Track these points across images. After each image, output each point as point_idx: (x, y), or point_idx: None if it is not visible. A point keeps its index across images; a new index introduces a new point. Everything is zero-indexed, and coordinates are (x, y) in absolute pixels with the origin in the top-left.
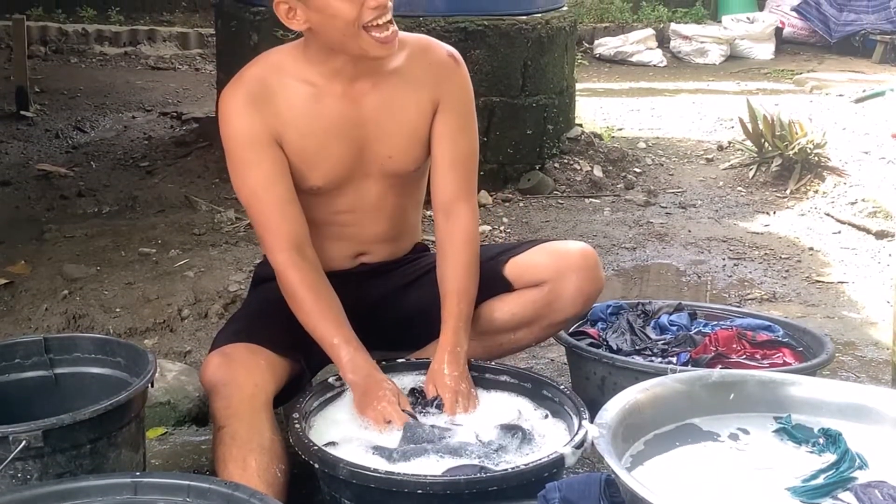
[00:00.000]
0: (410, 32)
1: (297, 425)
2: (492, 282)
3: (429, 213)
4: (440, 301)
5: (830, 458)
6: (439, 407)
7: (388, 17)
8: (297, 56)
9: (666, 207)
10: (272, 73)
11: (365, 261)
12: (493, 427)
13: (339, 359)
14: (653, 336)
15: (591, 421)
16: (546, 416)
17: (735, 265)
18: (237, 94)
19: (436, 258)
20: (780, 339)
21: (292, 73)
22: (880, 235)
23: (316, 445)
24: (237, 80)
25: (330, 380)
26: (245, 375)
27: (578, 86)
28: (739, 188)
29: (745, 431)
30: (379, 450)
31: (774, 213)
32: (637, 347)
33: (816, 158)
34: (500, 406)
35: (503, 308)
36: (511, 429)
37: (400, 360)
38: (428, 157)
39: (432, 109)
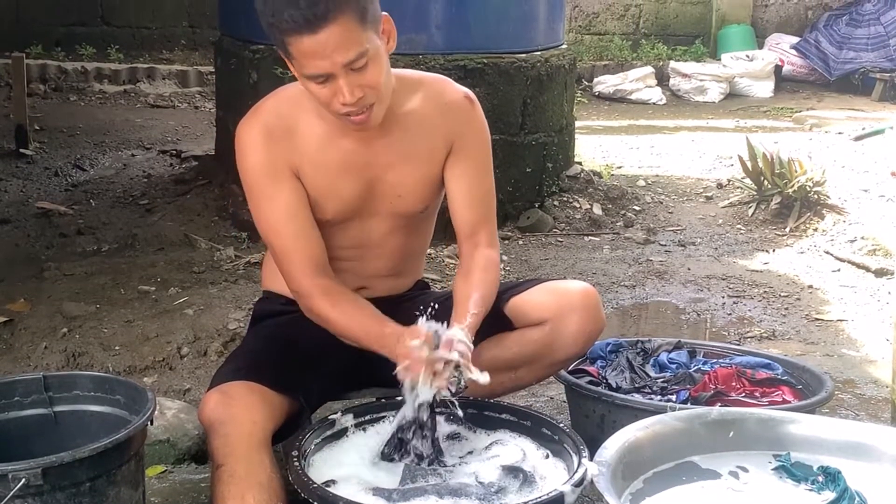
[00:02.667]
0: (424, 71)
1: (297, 463)
2: (492, 320)
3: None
4: None
5: (830, 496)
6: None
7: (362, 107)
8: None
9: (665, 245)
10: (289, 107)
11: (365, 295)
12: (494, 468)
13: (386, 351)
14: (652, 374)
15: (591, 459)
16: (547, 457)
17: (734, 303)
18: (254, 127)
19: (439, 293)
20: (779, 377)
21: (308, 108)
22: (880, 273)
23: (315, 484)
24: (254, 112)
25: (331, 417)
26: (243, 413)
27: (578, 123)
28: (739, 226)
29: (745, 469)
30: (378, 490)
31: (774, 250)
32: (636, 385)
33: (816, 196)
34: (503, 446)
35: (504, 347)
36: (513, 470)
37: (399, 398)
38: (437, 198)
39: (446, 151)
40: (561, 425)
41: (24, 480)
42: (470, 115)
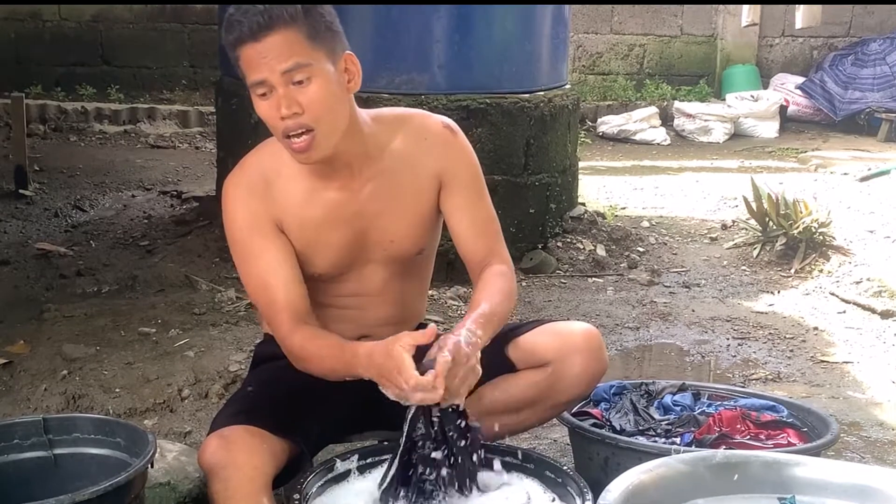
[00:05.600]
0: (403, 108)
1: None
2: (494, 362)
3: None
4: None
5: None
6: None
7: (299, 127)
8: None
9: (669, 287)
10: (271, 162)
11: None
12: None
13: (356, 371)
14: (656, 416)
15: (595, 502)
16: (553, 500)
17: (739, 345)
18: (239, 184)
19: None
20: (784, 419)
21: (290, 162)
22: (885, 315)
23: None
24: (239, 168)
25: (333, 460)
26: (244, 458)
27: (581, 164)
28: (743, 267)
29: None
30: None
31: (779, 292)
32: (640, 428)
33: (821, 237)
34: (508, 487)
35: (506, 389)
36: None
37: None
38: (433, 237)
39: (436, 186)
40: (564, 468)
41: None
42: (452, 144)
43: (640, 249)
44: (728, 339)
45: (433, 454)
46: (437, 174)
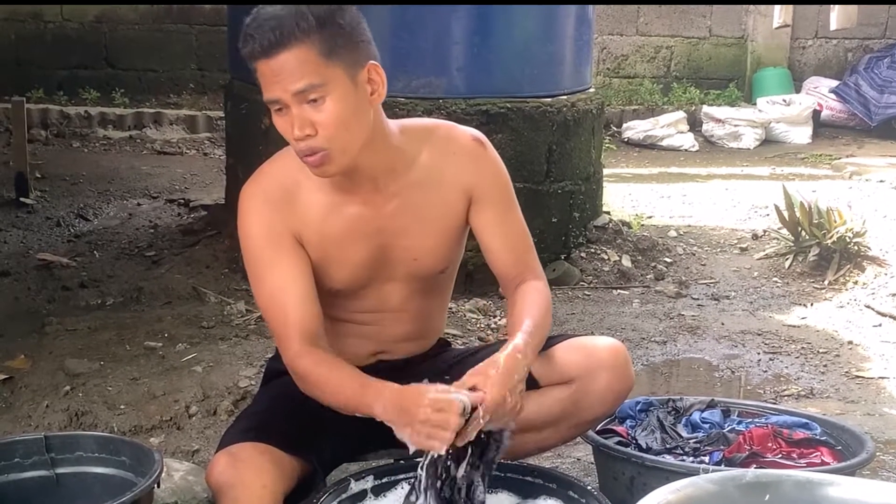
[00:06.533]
0: (429, 118)
1: None
2: None
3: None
4: None
5: None
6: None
7: (311, 149)
8: None
9: (698, 299)
10: (291, 172)
11: (384, 358)
12: None
13: (381, 396)
14: (684, 434)
15: None
16: None
17: (770, 359)
18: (256, 193)
19: (460, 350)
20: (817, 437)
21: (311, 174)
22: None
23: None
24: (257, 176)
25: (352, 484)
26: (253, 477)
27: (606, 171)
28: (775, 279)
29: None
30: None
31: (812, 304)
32: (668, 446)
33: (856, 248)
34: None
35: (528, 406)
36: None
37: (419, 459)
38: (457, 255)
39: (464, 202)
40: (589, 488)
41: None
42: (482, 158)
43: (668, 260)
44: (759, 353)
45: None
46: (465, 189)
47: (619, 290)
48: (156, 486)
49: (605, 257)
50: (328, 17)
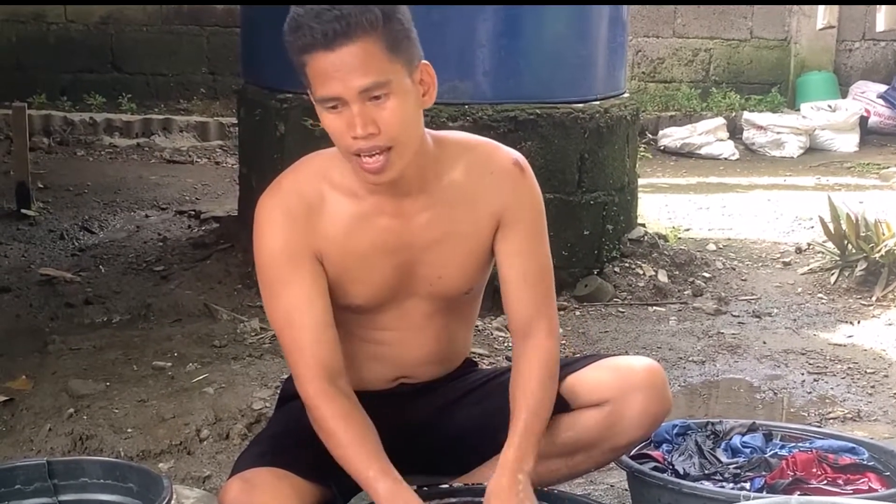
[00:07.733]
0: (469, 133)
1: None
2: None
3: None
4: (492, 419)
5: None
6: None
7: (374, 148)
8: (344, 162)
9: (738, 316)
10: (314, 183)
11: (406, 381)
12: None
13: (376, 493)
14: (724, 459)
15: None
16: None
17: (815, 380)
18: (275, 206)
19: (487, 372)
20: (864, 462)
21: (337, 184)
22: None
23: None
24: (275, 188)
25: None
26: (268, 503)
27: (641, 181)
28: (820, 295)
29: None
30: None
31: (859, 322)
32: (706, 472)
33: None
34: None
35: (559, 430)
36: None
37: (443, 486)
38: (484, 276)
39: (494, 225)
40: None
41: None
42: (520, 183)
43: (706, 275)
44: (803, 374)
45: None
46: (497, 212)
47: (654, 307)
48: None
49: (640, 272)
50: (391, 11)
